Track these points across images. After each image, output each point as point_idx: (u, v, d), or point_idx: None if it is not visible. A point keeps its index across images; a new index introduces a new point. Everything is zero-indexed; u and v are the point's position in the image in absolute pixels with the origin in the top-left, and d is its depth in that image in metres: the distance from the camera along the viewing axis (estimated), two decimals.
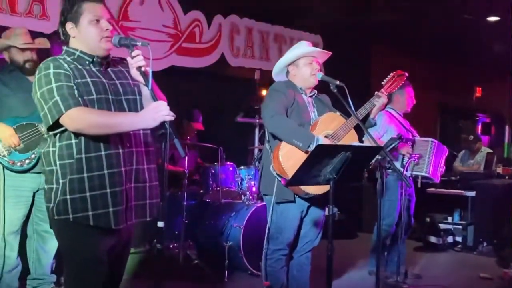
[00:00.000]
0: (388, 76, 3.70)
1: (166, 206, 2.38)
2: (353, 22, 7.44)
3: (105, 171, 2.30)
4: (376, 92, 3.59)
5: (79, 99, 2.26)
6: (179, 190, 5.30)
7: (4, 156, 3.41)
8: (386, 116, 4.82)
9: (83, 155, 2.29)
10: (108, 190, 2.30)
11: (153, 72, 2.34)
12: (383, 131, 4.72)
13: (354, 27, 7.56)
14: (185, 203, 5.01)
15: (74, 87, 2.27)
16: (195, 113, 5.87)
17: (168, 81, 6.24)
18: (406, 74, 3.73)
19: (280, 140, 3.33)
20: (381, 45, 8.51)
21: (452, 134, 10.42)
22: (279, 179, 3.33)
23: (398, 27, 7.69)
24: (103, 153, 2.31)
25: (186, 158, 5.08)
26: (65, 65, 2.32)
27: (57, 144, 2.32)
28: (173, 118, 2.23)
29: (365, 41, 8.19)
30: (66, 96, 2.24)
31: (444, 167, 4.88)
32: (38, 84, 2.29)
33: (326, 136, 3.35)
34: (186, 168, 5.09)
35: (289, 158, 3.24)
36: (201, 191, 5.45)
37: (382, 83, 3.68)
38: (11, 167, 3.43)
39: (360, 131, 3.39)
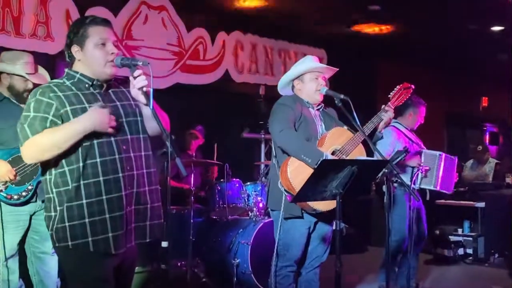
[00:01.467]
0: (395, 89, 3.67)
1: (172, 224, 2.36)
2: (357, 35, 7.44)
3: (104, 197, 2.28)
4: (383, 106, 3.56)
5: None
6: (185, 207, 5.26)
7: (1, 191, 3.38)
8: (394, 132, 4.77)
9: (81, 182, 2.27)
10: (107, 216, 2.28)
11: (158, 90, 2.33)
12: (392, 148, 4.68)
13: (358, 39, 7.57)
14: (191, 220, 4.96)
15: (50, 118, 2.25)
16: (196, 126, 5.87)
17: (173, 99, 6.30)
18: (413, 86, 3.70)
19: (288, 155, 3.30)
20: (386, 57, 8.50)
21: (459, 144, 10.35)
22: (287, 195, 3.29)
23: (403, 39, 7.68)
24: (101, 179, 2.29)
25: (192, 175, 5.06)
26: (54, 92, 2.29)
27: (53, 171, 2.31)
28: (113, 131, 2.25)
29: (369, 53, 8.19)
30: (34, 127, 2.24)
31: (457, 174, 4.83)
32: (24, 110, 2.31)
33: (333, 152, 3.33)
34: (192, 185, 5.06)
35: (298, 174, 3.20)
36: (208, 208, 5.42)
37: (389, 96, 3.65)
38: (8, 201, 3.38)
39: (369, 145, 3.36)
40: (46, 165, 2.32)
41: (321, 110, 3.58)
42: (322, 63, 3.69)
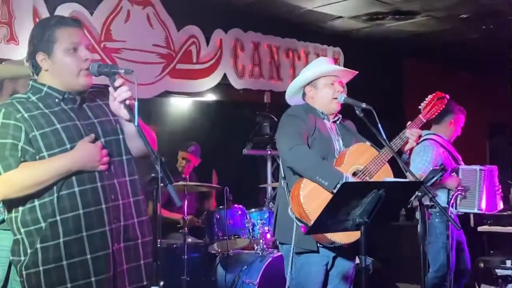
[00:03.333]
0: (426, 99, 3.65)
1: (162, 262, 2.34)
2: (380, 32, 7.45)
3: (84, 233, 2.27)
4: (408, 123, 3.52)
5: (19, 160, 2.23)
6: (177, 241, 5.25)
7: None
8: (434, 146, 4.74)
9: (58, 217, 2.25)
10: (89, 256, 2.26)
11: (143, 100, 2.32)
12: (431, 165, 4.65)
13: (382, 37, 7.57)
14: (185, 256, 4.95)
15: (20, 145, 2.25)
16: (188, 143, 5.88)
17: (161, 110, 6.33)
18: (447, 96, 3.69)
19: (300, 176, 3.28)
20: (415, 58, 8.50)
21: (503, 158, 10.29)
22: (299, 224, 3.27)
23: (435, 37, 7.69)
24: (80, 211, 2.27)
25: (186, 201, 5.04)
26: (20, 113, 2.28)
27: (20, 208, 2.29)
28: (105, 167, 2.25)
29: (395, 54, 8.19)
30: (6, 160, 2.23)
31: (500, 186, 4.80)
32: None
33: (355, 173, 3.32)
34: (185, 213, 5.04)
35: (313, 199, 3.18)
36: (205, 241, 5.39)
37: (420, 107, 3.63)
38: None
39: (396, 165, 3.34)
40: (10, 201, 2.30)
41: (338, 122, 3.57)
42: (338, 65, 3.70)
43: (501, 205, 4.79)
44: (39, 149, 2.27)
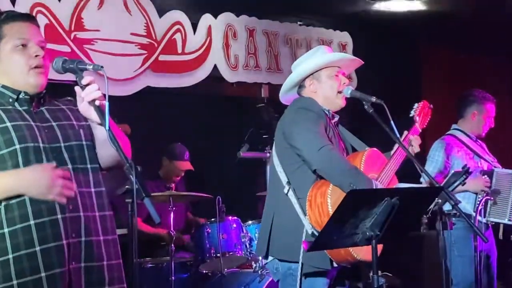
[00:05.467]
0: (415, 107, 3.78)
1: (146, 284, 2.35)
2: (393, 13, 7.43)
3: (37, 248, 2.27)
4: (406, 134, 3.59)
5: None
6: (163, 260, 5.24)
7: None
8: (447, 145, 4.74)
9: (5, 230, 2.27)
10: (44, 274, 2.27)
11: (121, 98, 2.33)
12: (448, 167, 4.64)
13: (396, 19, 7.56)
14: (173, 278, 4.93)
15: None
16: (178, 149, 5.84)
17: (142, 108, 6.30)
18: (431, 106, 3.83)
19: (321, 181, 3.30)
20: (434, 43, 8.48)
21: None
22: (308, 240, 3.25)
23: (456, 17, 7.67)
24: (31, 222, 2.28)
25: (172, 214, 5.01)
26: None
27: None
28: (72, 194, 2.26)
29: (412, 40, 8.17)
30: None
31: None
32: None
33: None
34: (172, 228, 5.02)
35: None
36: (195, 259, 5.38)
37: (411, 115, 3.74)
38: None
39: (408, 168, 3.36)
40: None
41: (337, 123, 3.62)
42: (345, 53, 3.71)
43: None
44: None
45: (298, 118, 3.42)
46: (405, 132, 3.58)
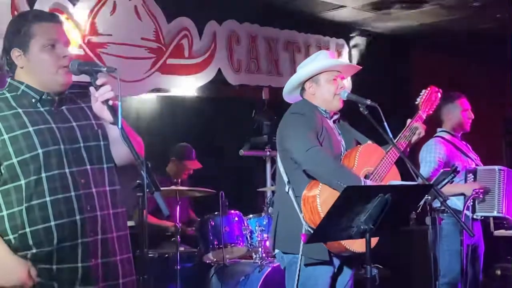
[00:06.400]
0: (422, 93, 3.74)
1: (153, 273, 2.34)
2: (386, 22, 7.43)
3: (55, 247, 2.27)
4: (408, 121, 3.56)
5: None
6: (169, 250, 5.25)
7: None
8: (439, 145, 4.75)
9: (27, 229, 2.25)
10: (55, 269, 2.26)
11: (131, 99, 2.31)
12: (439, 166, 4.64)
13: (388, 28, 7.56)
14: (178, 267, 4.94)
15: None
16: (187, 149, 5.85)
17: (150, 109, 6.31)
18: (441, 91, 3.77)
19: (313, 181, 3.30)
20: (423, 50, 8.48)
21: None
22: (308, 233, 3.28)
23: (444, 27, 7.67)
24: (52, 223, 2.26)
25: (178, 208, 5.02)
26: None
27: None
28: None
29: (402, 46, 8.17)
30: None
31: None
32: None
33: (366, 176, 3.34)
34: (178, 221, 5.02)
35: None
36: (199, 250, 5.39)
37: (417, 103, 3.71)
38: None
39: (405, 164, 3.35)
40: None
41: (337, 121, 3.62)
42: (341, 58, 3.72)
43: None
44: (7, 154, 2.26)
45: (290, 122, 3.45)
46: (409, 120, 3.56)
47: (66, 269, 2.28)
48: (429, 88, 3.78)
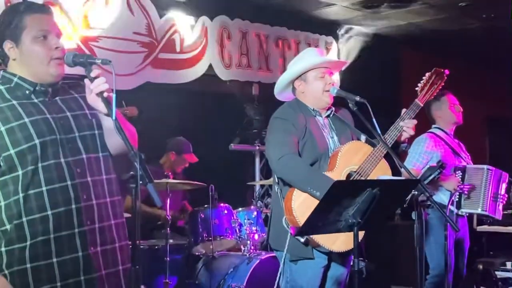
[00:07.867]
0: (423, 79, 3.67)
1: (142, 264, 2.34)
2: (375, 20, 7.45)
3: (51, 236, 2.26)
4: (405, 110, 3.53)
5: None
6: (159, 242, 5.24)
7: None
8: (429, 140, 4.76)
9: (24, 219, 2.24)
10: (55, 260, 2.27)
11: (123, 92, 2.30)
12: (425, 159, 4.66)
13: (377, 26, 7.57)
14: (167, 258, 4.93)
15: None
16: (185, 143, 5.89)
17: (142, 102, 6.28)
18: (447, 71, 3.70)
19: (291, 186, 3.31)
20: (412, 48, 8.51)
21: (504, 154, 10.35)
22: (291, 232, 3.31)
23: (432, 26, 7.70)
24: (49, 212, 2.26)
25: (168, 200, 5.03)
26: None
27: None
28: None
29: (391, 44, 8.19)
30: None
31: (506, 195, 4.82)
32: None
33: (349, 176, 3.33)
34: (167, 212, 5.02)
35: (306, 209, 3.16)
36: (188, 242, 5.37)
37: (417, 89, 3.65)
38: None
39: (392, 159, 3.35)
40: None
41: (331, 116, 3.58)
42: (330, 55, 3.71)
43: (500, 214, 4.79)
44: (5, 146, 2.26)
45: (270, 128, 3.48)
46: (404, 110, 3.52)
47: (67, 261, 2.28)
48: (432, 71, 3.70)
